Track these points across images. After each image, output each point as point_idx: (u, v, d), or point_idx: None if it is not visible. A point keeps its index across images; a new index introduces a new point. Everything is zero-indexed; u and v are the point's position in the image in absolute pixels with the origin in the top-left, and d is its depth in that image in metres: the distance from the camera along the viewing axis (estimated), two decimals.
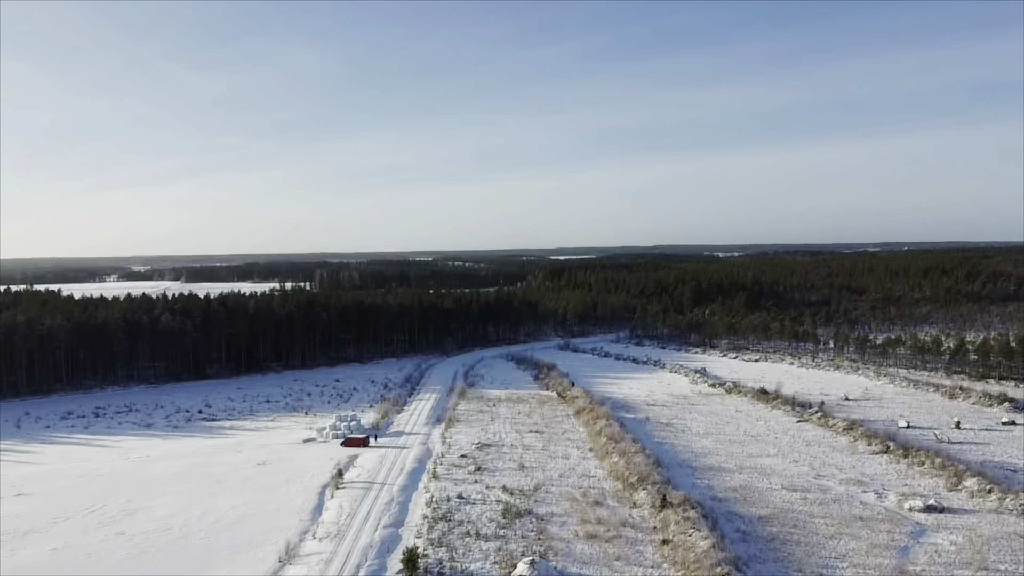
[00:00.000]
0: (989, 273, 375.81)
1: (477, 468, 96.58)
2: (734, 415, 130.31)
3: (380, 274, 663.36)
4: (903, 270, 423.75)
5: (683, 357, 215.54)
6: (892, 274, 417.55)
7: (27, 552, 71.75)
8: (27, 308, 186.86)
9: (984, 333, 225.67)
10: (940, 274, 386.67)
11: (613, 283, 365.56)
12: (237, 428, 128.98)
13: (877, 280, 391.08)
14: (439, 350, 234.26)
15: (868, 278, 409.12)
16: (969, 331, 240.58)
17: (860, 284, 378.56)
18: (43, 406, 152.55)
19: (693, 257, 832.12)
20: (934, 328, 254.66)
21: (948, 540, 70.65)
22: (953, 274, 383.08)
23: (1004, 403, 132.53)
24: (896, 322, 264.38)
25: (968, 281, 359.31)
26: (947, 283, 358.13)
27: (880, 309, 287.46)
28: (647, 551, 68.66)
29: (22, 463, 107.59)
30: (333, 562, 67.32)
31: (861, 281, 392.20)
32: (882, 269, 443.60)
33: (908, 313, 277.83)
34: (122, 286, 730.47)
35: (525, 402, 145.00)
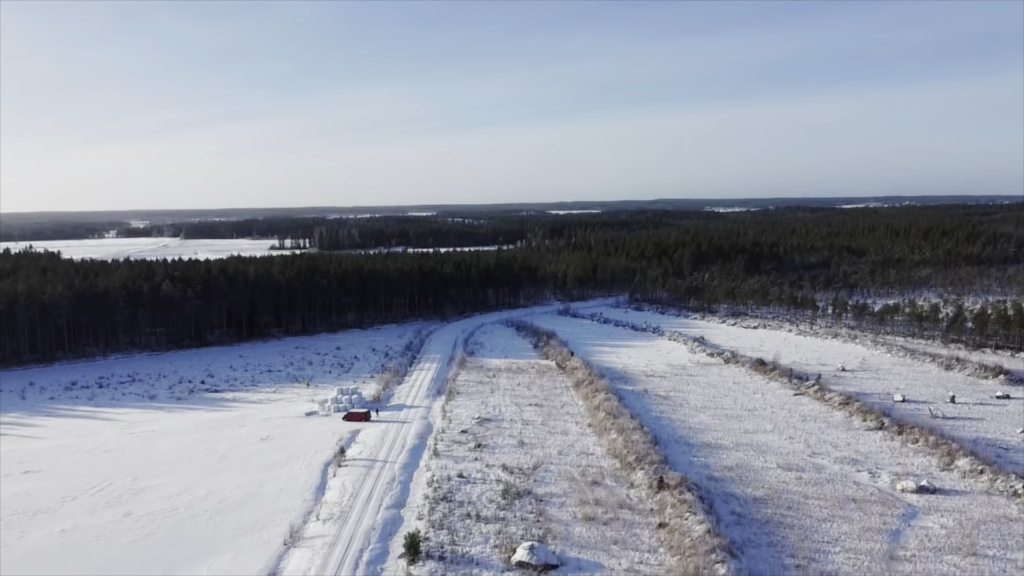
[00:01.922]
0: (990, 235, 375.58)
1: (477, 445, 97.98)
2: (731, 387, 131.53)
3: (380, 232, 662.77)
4: (904, 230, 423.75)
5: (682, 323, 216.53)
6: (893, 234, 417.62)
7: (37, 534, 73.26)
8: (27, 276, 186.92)
9: (982, 299, 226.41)
10: (940, 235, 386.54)
11: (613, 245, 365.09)
12: (240, 400, 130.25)
13: (877, 241, 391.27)
14: (439, 315, 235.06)
15: (868, 238, 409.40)
16: (967, 296, 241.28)
17: (860, 245, 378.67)
18: (47, 375, 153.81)
19: (694, 213, 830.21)
20: (933, 293, 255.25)
21: (939, 523, 72.10)
22: (954, 235, 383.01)
23: (999, 375, 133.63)
24: (895, 286, 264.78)
25: (968, 243, 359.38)
26: (947, 244, 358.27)
27: (879, 272, 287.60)
28: (644, 534, 70.13)
29: (28, 437, 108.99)
30: (337, 545, 68.81)
31: (861, 242, 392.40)
32: (883, 228, 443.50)
33: (907, 277, 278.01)
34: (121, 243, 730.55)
35: (525, 372, 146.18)
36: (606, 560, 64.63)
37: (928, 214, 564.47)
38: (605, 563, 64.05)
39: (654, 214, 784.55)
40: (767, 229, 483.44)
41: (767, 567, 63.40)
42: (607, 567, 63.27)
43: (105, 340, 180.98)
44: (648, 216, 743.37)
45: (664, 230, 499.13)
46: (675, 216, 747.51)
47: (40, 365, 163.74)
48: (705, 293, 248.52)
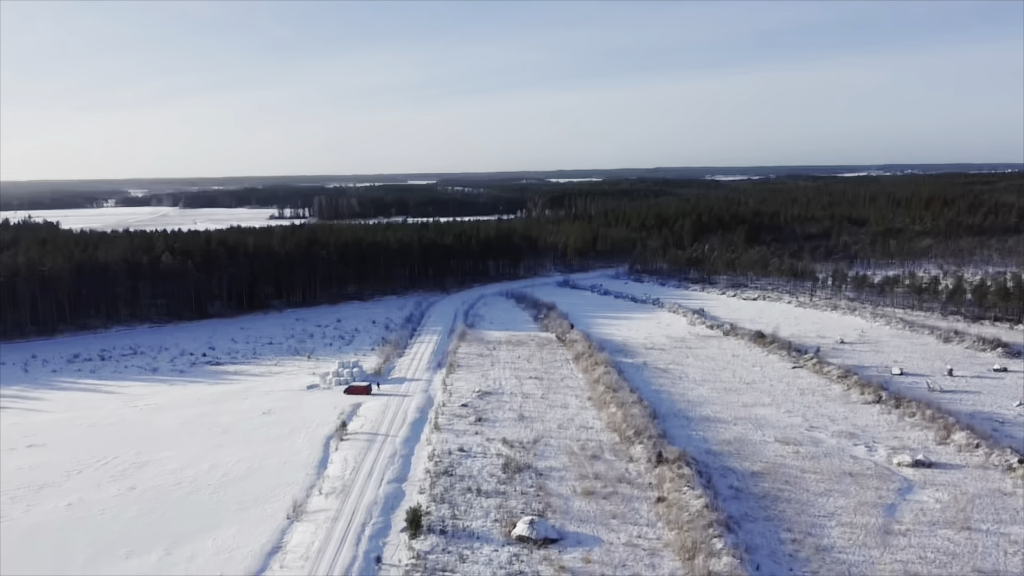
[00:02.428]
0: (991, 204, 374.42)
1: (478, 419, 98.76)
2: (731, 360, 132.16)
3: (379, 201, 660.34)
4: (905, 199, 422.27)
5: (682, 295, 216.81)
6: (894, 203, 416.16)
7: (43, 508, 74.24)
8: (28, 248, 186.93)
9: (982, 271, 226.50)
10: (942, 205, 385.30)
11: (613, 215, 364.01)
12: (242, 373, 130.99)
13: (878, 211, 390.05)
14: (439, 287, 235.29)
15: (870, 208, 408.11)
16: (967, 267, 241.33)
17: (861, 215, 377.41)
18: (49, 347, 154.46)
19: (695, 182, 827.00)
20: (933, 264, 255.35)
21: (934, 497, 72.99)
22: (955, 205, 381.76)
23: (998, 348, 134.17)
24: (895, 257, 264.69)
25: (970, 213, 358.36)
26: (949, 215, 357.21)
27: (880, 243, 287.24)
28: (643, 508, 71.05)
29: (32, 411, 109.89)
30: (339, 520, 69.76)
31: (862, 212, 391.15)
32: (884, 198, 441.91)
33: (908, 248, 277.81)
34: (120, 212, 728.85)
35: (525, 345, 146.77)
36: (605, 534, 65.57)
37: (930, 183, 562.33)
38: (604, 537, 64.98)
39: (655, 183, 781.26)
40: (768, 198, 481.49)
41: (764, 541, 64.34)
42: (606, 541, 64.20)
43: (106, 312, 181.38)
44: (649, 185, 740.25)
45: (665, 199, 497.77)
46: (676, 185, 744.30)
47: (42, 337, 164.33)
48: (705, 264, 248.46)
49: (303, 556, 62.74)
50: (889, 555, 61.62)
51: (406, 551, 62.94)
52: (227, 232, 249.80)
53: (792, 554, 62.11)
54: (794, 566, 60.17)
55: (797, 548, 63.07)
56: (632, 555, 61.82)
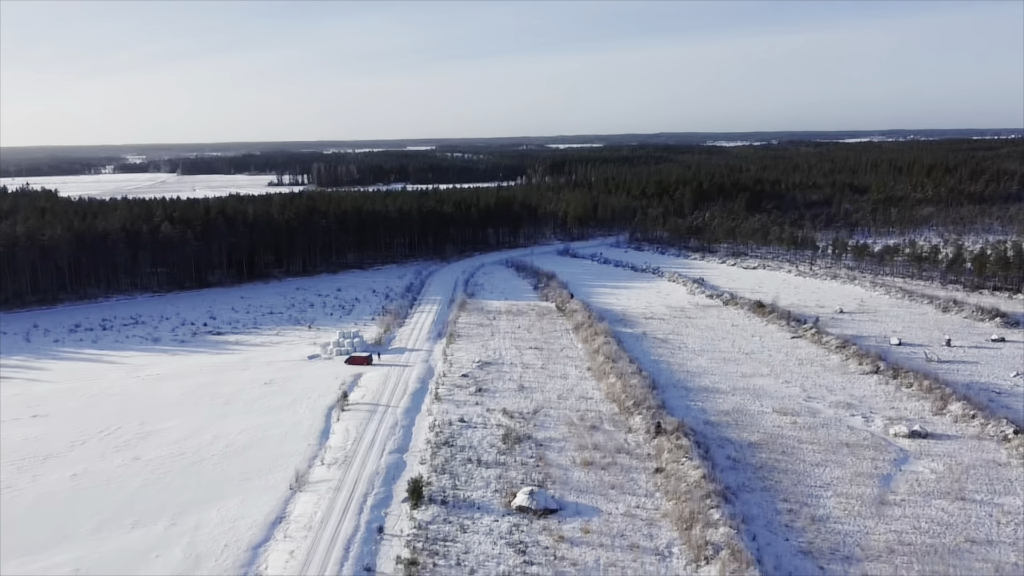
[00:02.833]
0: (993, 172, 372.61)
1: (478, 389, 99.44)
2: (730, 330, 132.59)
3: (379, 167, 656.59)
4: (907, 166, 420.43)
5: (682, 264, 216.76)
6: (896, 170, 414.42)
7: (49, 478, 75.10)
8: (27, 217, 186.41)
9: (983, 239, 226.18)
10: (944, 172, 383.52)
11: (614, 182, 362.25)
12: (243, 343, 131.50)
13: (880, 178, 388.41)
14: (439, 255, 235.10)
15: (871, 175, 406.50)
16: (968, 236, 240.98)
17: (863, 182, 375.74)
18: (50, 317, 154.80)
19: (696, 148, 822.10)
20: (933, 232, 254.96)
21: (929, 468, 73.81)
22: (957, 172, 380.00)
23: (996, 318, 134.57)
24: (896, 226, 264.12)
25: (972, 180, 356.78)
26: (950, 182, 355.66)
27: (881, 211, 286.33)
28: (641, 479, 71.90)
29: (35, 381, 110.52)
30: (342, 490, 70.63)
31: (864, 179, 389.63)
32: (886, 165, 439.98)
33: (909, 216, 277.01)
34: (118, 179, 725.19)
35: (525, 315, 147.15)
36: (604, 504, 66.46)
37: (932, 150, 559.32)
38: (603, 507, 65.88)
39: (655, 149, 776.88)
40: (769, 165, 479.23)
41: (760, 511, 65.22)
42: (605, 511, 65.09)
43: (107, 281, 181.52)
44: (650, 151, 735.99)
45: (666, 166, 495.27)
46: (677, 151, 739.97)
47: (43, 307, 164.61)
48: (705, 233, 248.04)
49: (306, 526, 63.66)
50: (883, 525, 62.52)
51: (407, 521, 63.85)
52: (226, 200, 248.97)
53: (788, 524, 63.01)
54: (790, 536, 61.07)
55: (793, 518, 63.97)
56: (630, 525, 62.73)
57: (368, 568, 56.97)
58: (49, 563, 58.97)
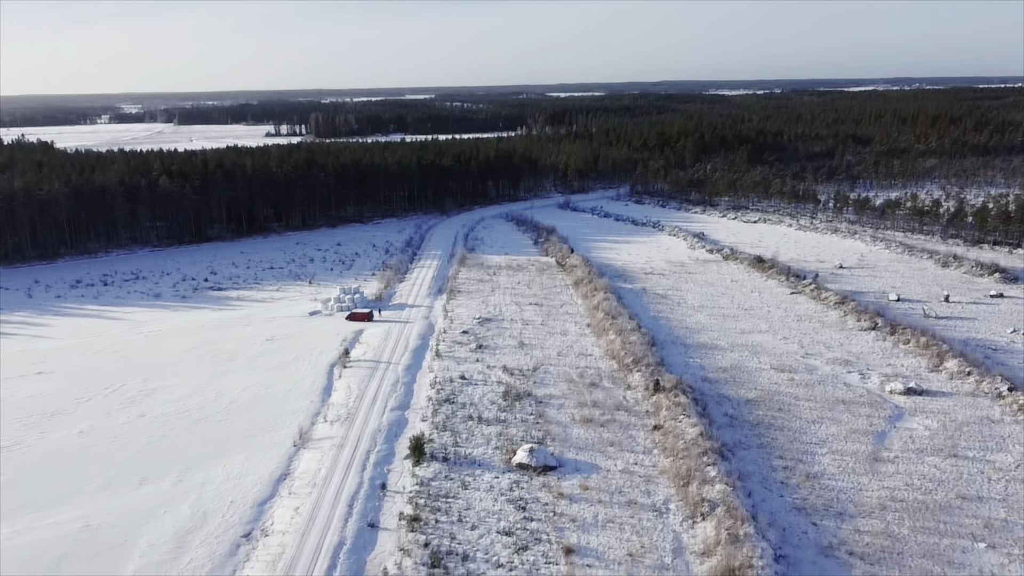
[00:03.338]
0: (998, 123, 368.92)
1: (479, 346, 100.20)
2: (729, 286, 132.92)
3: (377, 117, 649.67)
4: (911, 117, 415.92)
5: (682, 217, 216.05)
6: (900, 121, 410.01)
7: (56, 435, 76.27)
8: (24, 171, 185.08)
9: (985, 192, 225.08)
10: (948, 123, 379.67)
11: (615, 134, 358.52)
12: (244, 299, 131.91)
13: (883, 129, 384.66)
14: (439, 209, 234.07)
15: (875, 126, 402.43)
16: (970, 188, 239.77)
17: (866, 133, 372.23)
18: (51, 272, 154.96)
19: (698, 97, 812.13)
20: (936, 185, 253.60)
21: (923, 425, 74.91)
22: (961, 123, 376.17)
23: (995, 273, 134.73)
24: (898, 178, 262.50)
25: (976, 131, 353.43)
26: (954, 133, 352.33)
27: (884, 164, 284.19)
28: (639, 436, 73.04)
29: (38, 337, 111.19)
30: (344, 447, 71.82)
31: (867, 130, 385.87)
32: (890, 115, 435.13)
33: (911, 168, 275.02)
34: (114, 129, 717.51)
35: (525, 270, 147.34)
36: (602, 461, 67.67)
37: (937, 99, 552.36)
38: (602, 464, 67.11)
39: (657, 98, 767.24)
40: (772, 115, 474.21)
41: (756, 468, 66.46)
42: (603, 468, 66.32)
43: (106, 236, 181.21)
44: (651, 100, 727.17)
45: (668, 116, 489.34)
46: (679, 100, 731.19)
47: (43, 262, 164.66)
48: (707, 186, 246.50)
49: (310, 483, 64.91)
50: (877, 482, 63.76)
51: (410, 478, 65.09)
52: (224, 153, 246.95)
53: (783, 481, 64.26)
54: (784, 493, 62.34)
55: (788, 475, 65.22)
56: (628, 482, 63.98)
57: (372, 524, 58.30)
58: (59, 519, 60.33)
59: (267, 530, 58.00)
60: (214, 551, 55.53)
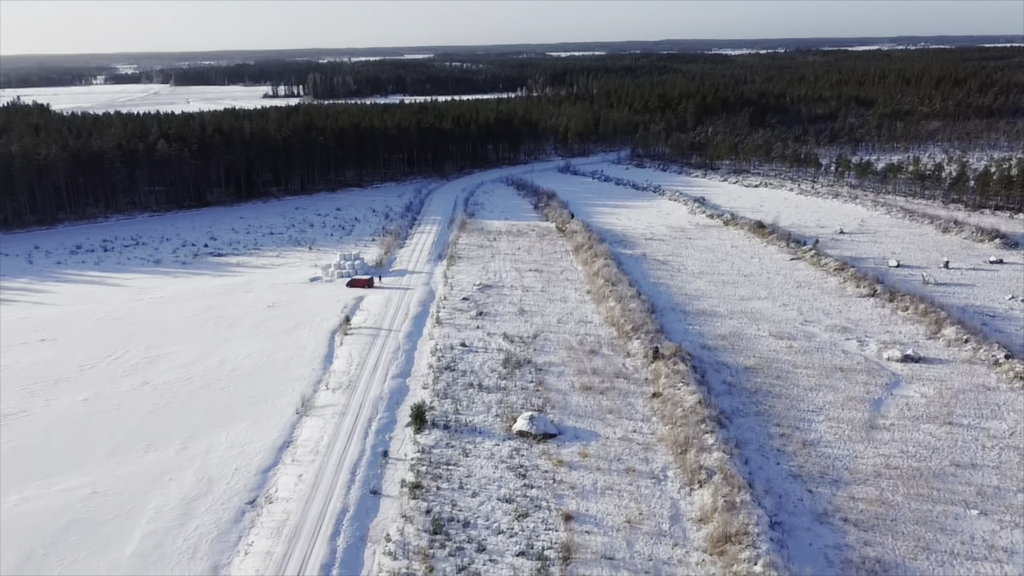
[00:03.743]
0: (1003, 84, 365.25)
1: (479, 313, 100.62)
2: (729, 251, 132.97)
3: (375, 78, 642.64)
4: (915, 78, 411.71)
5: (683, 182, 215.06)
6: (904, 82, 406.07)
7: (61, 402, 77.04)
8: (21, 136, 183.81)
9: (987, 156, 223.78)
10: (952, 84, 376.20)
11: (616, 95, 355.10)
12: (244, 265, 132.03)
13: (887, 90, 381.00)
14: (438, 173, 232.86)
15: (878, 87, 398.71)
16: (973, 152, 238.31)
17: (869, 95, 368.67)
18: (51, 238, 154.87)
19: (700, 57, 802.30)
20: (939, 148, 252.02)
21: (919, 392, 75.60)
22: (966, 84, 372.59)
23: (995, 239, 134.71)
24: (901, 141, 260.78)
25: (980, 93, 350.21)
26: (958, 95, 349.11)
27: (887, 126, 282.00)
28: (638, 403, 73.78)
29: (40, 304, 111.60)
30: (347, 415, 72.60)
31: (871, 91, 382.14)
32: (894, 76, 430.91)
33: (914, 131, 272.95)
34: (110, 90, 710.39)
35: (525, 235, 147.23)
36: (602, 429, 68.48)
37: (942, 60, 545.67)
38: (601, 432, 67.92)
39: (659, 58, 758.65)
40: (775, 76, 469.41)
41: (753, 436, 67.28)
42: (602, 436, 67.14)
43: (105, 201, 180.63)
44: (653, 60, 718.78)
45: (669, 77, 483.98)
46: (681, 60, 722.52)
47: (43, 227, 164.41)
48: (708, 149, 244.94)
49: (313, 450, 65.78)
50: (872, 449, 64.59)
51: (411, 445, 65.91)
52: (222, 116, 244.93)
53: (780, 448, 65.10)
54: (781, 460, 63.21)
55: (785, 443, 66.05)
56: (627, 449, 64.84)
57: (374, 491, 59.22)
58: (67, 486, 61.24)
59: (271, 497, 58.93)
60: (220, 518, 56.50)
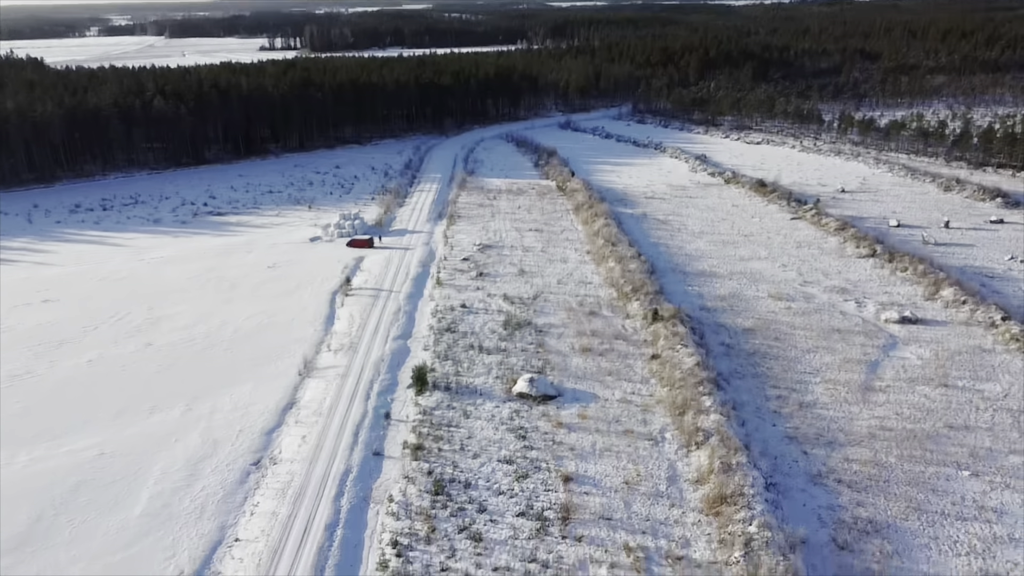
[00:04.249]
0: (1010, 38, 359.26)
1: (479, 273, 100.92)
2: (730, 211, 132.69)
3: (373, 30, 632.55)
4: (922, 30, 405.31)
5: (684, 138, 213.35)
6: (910, 35, 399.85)
7: (66, 364, 77.83)
8: (15, 92, 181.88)
9: (992, 112, 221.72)
10: (959, 38, 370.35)
11: (617, 49, 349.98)
12: (244, 224, 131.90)
13: (892, 43, 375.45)
14: (438, 129, 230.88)
15: (884, 40, 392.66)
16: (978, 107, 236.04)
17: (875, 48, 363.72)
18: (49, 196, 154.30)
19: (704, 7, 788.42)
20: (943, 104, 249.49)
21: (916, 354, 76.28)
22: (973, 37, 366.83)
23: (997, 198, 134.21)
24: (905, 96, 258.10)
25: (987, 47, 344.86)
26: (965, 48, 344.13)
27: (891, 81, 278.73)
28: (637, 365, 74.53)
29: (42, 264, 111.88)
30: (348, 376, 73.39)
31: (876, 44, 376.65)
32: (900, 28, 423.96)
33: (919, 86, 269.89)
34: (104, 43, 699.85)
35: (525, 194, 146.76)
36: (601, 391, 69.31)
37: (949, 11, 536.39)
38: (600, 394, 68.77)
39: (662, 8, 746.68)
40: (779, 28, 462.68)
41: (750, 398, 68.16)
42: (601, 398, 68.00)
43: (103, 158, 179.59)
44: (655, 12, 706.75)
45: (671, 29, 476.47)
46: (684, 11, 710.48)
47: (41, 185, 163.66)
48: (710, 105, 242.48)
49: (316, 412, 66.69)
50: (867, 411, 65.47)
51: (413, 407, 66.80)
52: (219, 71, 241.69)
53: (776, 410, 65.99)
54: (777, 422, 64.14)
55: (781, 404, 66.92)
56: (626, 411, 65.73)
57: (377, 453, 60.26)
58: (75, 447, 62.27)
59: (275, 458, 59.97)
60: (225, 479, 57.59)
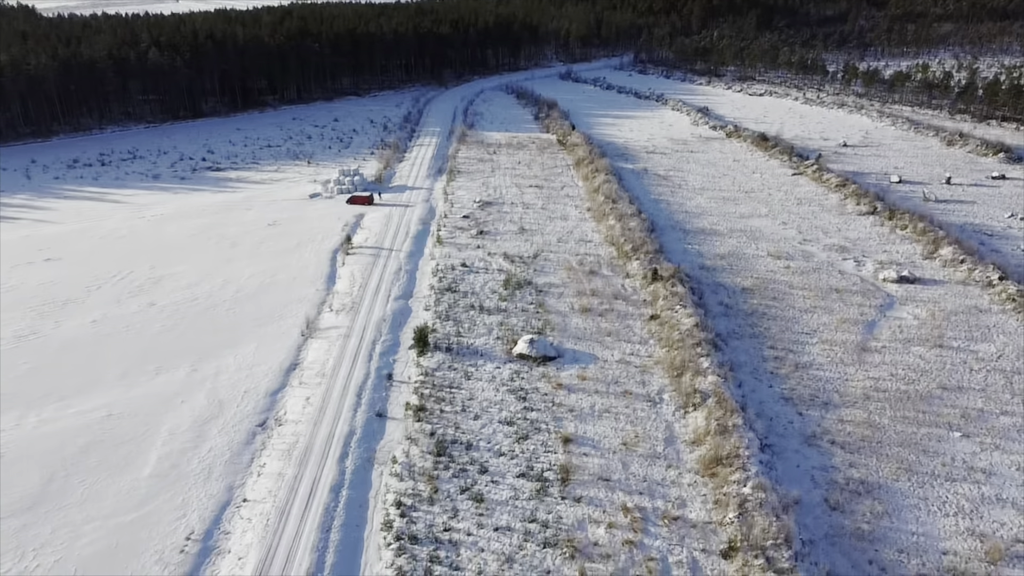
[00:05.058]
0: None
1: (479, 231, 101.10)
2: (731, 166, 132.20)
3: None
4: None
5: (687, 90, 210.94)
6: None
7: (71, 324, 78.50)
8: (8, 45, 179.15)
9: (999, 62, 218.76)
10: None
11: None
12: (243, 180, 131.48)
13: None
14: (437, 80, 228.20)
15: None
16: (984, 58, 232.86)
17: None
18: (47, 151, 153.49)
19: None
20: (949, 53, 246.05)
21: (912, 314, 76.97)
22: None
23: (1000, 152, 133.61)
24: (911, 45, 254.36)
25: None
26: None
27: (897, 29, 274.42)
28: (636, 326, 75.24)
29: (42, 222, 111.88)
30: (351, 337, 74.12)
31: None
32: None
33: (926, 35, 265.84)
34: None
35: (525, 148, 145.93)
36: (600, 351, 70.10)
37: None
38: (599, 354, 69.56)
39: None
40: None
41: (748, 359, 68.99)
42: (600, 359, 68.81)
43: (99, 111, 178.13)
44: None
45: None
46: None
47: (38, 139, 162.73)
48: (713, 55, 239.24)
49: (319, 373, 67.56)
50: (863, 372, 66.35)
51: (415, 368, 67.62)
52: (214, 20, 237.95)
53: (773, 371, 66.88)
54: (774, 383, 65.06)
55: (778, 365, 67.78)
56: (624, 372, 66.61)
57: (380, 414, 61.29)
58: (83, 408, 63.18)
59: (280, 420, 61.01)
60: (232, 440, 58.70)
